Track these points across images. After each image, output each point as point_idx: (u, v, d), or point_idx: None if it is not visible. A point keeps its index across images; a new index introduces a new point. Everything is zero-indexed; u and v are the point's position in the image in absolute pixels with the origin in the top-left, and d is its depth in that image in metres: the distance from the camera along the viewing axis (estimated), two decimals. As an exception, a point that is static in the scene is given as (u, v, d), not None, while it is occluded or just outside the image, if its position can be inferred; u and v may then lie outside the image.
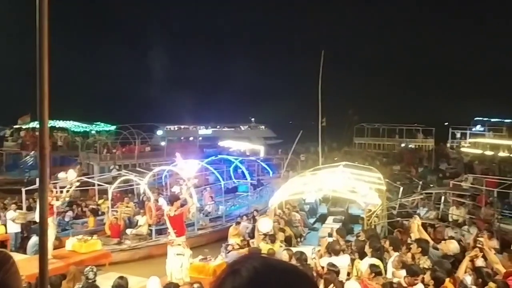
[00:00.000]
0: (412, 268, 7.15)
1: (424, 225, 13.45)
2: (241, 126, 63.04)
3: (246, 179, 25.04)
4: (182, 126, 60.99)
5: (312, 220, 18.53)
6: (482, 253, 7.47)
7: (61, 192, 17.80)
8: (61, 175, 14.17)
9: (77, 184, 13.72)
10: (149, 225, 16.14)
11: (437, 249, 8.81)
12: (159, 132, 45.17)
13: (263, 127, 63.39)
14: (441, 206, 16.21)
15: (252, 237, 15.06)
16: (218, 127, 62.45)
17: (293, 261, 9.58)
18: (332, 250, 9.58)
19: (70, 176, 13.20)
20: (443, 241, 9.34)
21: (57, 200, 12.59)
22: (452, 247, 8.71)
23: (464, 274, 7.36)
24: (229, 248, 13.72)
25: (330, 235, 12.13)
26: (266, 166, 30.92)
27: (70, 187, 12.97)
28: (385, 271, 8.34)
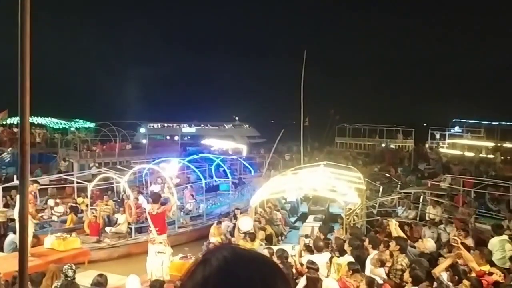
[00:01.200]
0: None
1: (401, 224, 13.70)
2: (225, 125, 62.98)
3: (228, 178, 25.05)
4: (166, 124, 60.72)
5: (293, 219, 18.64)
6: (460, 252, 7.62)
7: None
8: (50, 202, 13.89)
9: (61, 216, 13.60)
10: (129, 223, 15.99)
11: (414, 247, 8.96)
12: (142, 130, 44.84)
13: (247, 126, 63.40)
14: (420, 205, 16.43)
15: (233, 235, 15.11)
16: (202, 125, 62.35)
17: (274, 259, 9.68)
18: (315, 246, 9.67)
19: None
20: (420, 240, 9.50)
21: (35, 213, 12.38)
22: (429, 245, 8.88)
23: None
24: (211, 246, 13.71)
25: (307, 236, 12.24)
26: (247, 165, 30.96)
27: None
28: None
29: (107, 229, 16.06)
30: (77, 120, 44.15)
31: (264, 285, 1.00)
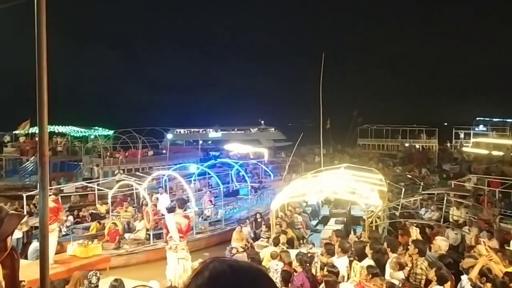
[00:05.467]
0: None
1: (423, 227, 13.43)
2: (251, 129, 63.04)
3: (247, 182, 25.02)
4: (192, 130, 61.13)
5: (314, 222, 18.52)
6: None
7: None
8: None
9: None
10: (147, 230, 16.07)
11: (430, 249, 8.77)
12: (169, 136, 45.24)
13: (273, 129, 63.33)
14: (444, 207, 16.12)
15: (255, 240, 15.08)
16: (228, 130, 62.56)
17: (294, 263, 9.58)
18: (342, 248, 9.59)
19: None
20: (433, 241, 9.25)
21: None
22: (442, 244, 8.64)
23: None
24: (233, 251, 13.73)
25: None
26: (267, 169, 30.85)
27: None
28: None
29: (126, 235, 16.17)
30: (97, 128, 44.68)
31: None
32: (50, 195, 12.22)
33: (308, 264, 9.55)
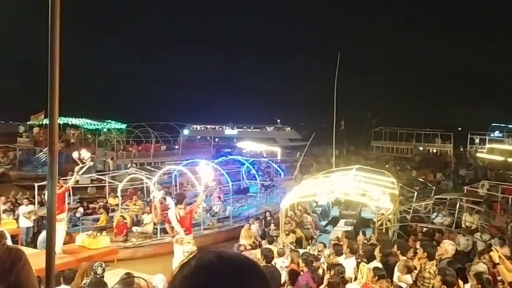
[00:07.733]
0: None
1: (433, 231, 13.28)
2: (266, 127, 63.04)
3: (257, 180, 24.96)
4: (208, 126, 61.34)
5: (324, 223, 18.45)
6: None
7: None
8: (74, 154, 14.03)
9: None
10: (155, 224, 16.07)
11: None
12: (186, 131, 45.30)
13: (289, 128, 63.26)
14: (456, 212, 15.93)
15: (263, 238, 15.02)
16: (244, 127, 62.63)
17: (300, 263, 9.52)
18: (350, 249, 9.53)
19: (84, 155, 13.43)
20: (441, 244, 9.08)
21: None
22: (449, 248, 8.48)
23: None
24: (241, 248, 13.70)
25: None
26: (278, 168, 30.77)
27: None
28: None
29: (134, 228, 16.26)
30: (109, 121, 44.83)
31: (239, 282, 1.07)
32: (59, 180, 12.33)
33: (314, 264, 9.47)
